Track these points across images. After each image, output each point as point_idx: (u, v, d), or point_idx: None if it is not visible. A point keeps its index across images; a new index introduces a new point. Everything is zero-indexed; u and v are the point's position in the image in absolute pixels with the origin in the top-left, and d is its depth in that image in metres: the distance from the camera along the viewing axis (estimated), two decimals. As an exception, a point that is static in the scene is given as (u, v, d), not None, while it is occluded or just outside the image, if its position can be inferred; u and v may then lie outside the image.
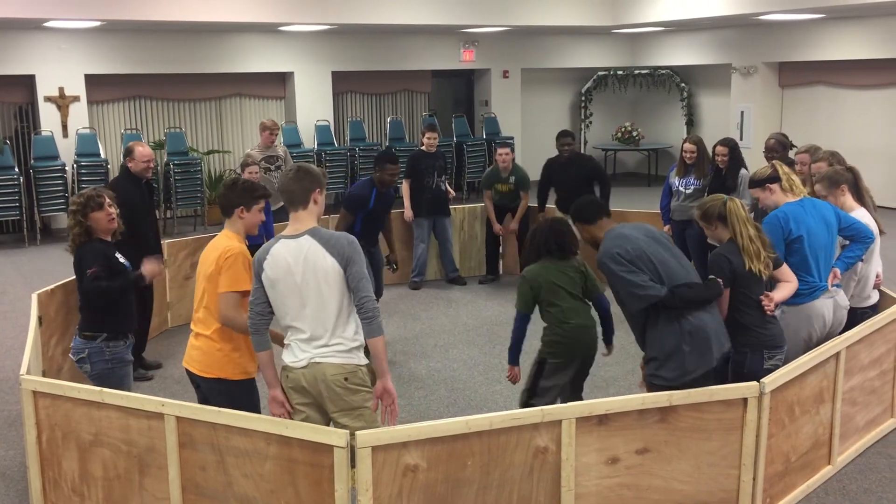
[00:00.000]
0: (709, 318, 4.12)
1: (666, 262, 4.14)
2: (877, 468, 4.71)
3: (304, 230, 3.63)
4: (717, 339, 4.14)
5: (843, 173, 5.12)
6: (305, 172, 3.71)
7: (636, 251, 4.09)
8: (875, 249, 5.07)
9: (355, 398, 3.65)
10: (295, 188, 3.66)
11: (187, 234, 11.14)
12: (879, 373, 4.97)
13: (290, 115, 13.45)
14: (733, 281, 4.23)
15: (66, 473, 4.06)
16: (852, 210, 5.02)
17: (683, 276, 4.15)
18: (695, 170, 7.30)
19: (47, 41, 11.44)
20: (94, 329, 4.54)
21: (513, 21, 12.62)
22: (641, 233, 4.24)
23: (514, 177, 8.59)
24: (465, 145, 14.02)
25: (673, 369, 4.10)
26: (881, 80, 12.52)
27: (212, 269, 3.97)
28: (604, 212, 4.42)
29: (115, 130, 12.46)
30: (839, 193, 5.04)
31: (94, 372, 4.51)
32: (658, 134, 16.02)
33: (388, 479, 3.43)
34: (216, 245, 4.06)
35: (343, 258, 3.55)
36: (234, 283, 3.91)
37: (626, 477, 3.81)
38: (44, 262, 10.12)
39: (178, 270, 7.58)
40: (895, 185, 12.42)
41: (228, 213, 4.12)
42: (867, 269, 5.05)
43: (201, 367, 4.06)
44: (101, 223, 4.63)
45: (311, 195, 3.66)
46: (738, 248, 4.24)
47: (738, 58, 13.99)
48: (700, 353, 4.08)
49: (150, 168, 6.33)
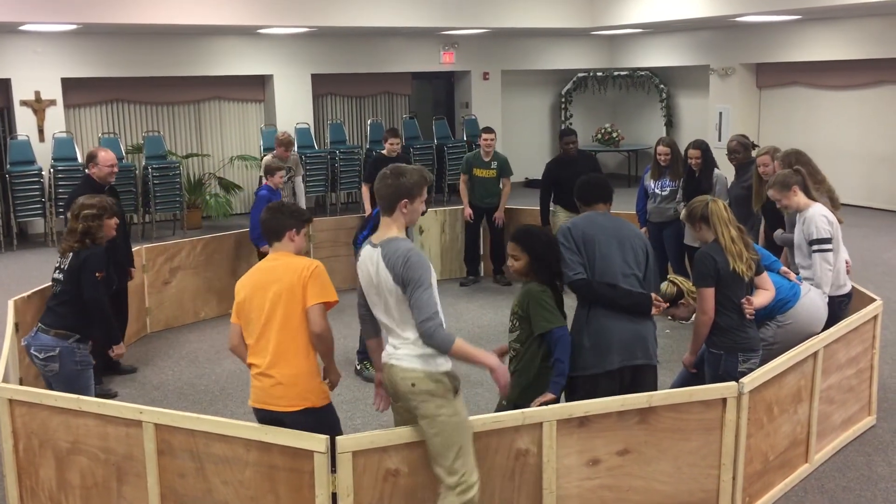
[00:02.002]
0: (622, 325, 4.03)
1: (608, 259, 4.06)
2: (854, 466, 4.76)
3: (382, 239, 3.52)
4: (626, 347, 4.03)
5: (791, 175, 5.20)
6: (395, 176, 3.52)
7: (587, 235, 4.08)
8: (839, 238, 5.15)
9: (426, 406, 3.43)
10: (384, 193, 3.53)
11: (166, 238, 11.06)
12: (856, 371, 5.02)
13: (269, 118, 13.39)
14: (717, 281, 4.25)
15: (43, 482, 4.02)
16: (807, 207, 5.12)
17: (619, 277, 4.05)
18: (669, 172, 7.35)
19: (23, 44, 11.33)
20: (68, 328, 4.58)
21: (492, 23, 12.65)
22: (611, 224, 4.19)
23: (497, 161, 8.59)
24: (445, 147, 14.02)
25: (576, 362, 4.03)
26: (856, 81, 12.66)
27: (291, 289, 3.69)
28: (603, 197, 4.32)
29: (93, 134, 12.35)
30: (791, 195, 5.14)
31: (62, 371, 4.51)
32: (638, 135, 16.11)
33: (369, 483, 3.42)
34: (287, 267, 3.74)
35: (398, 277, 3.41)
36: (323, 293, 3.71)
37: (607, 478, 3.83)
38: (20, 268, 10.02)
39: (156, 275, 7.53)
40: (870, 185, 12.58)
41: (279, 237, 3.84)
42: (838, 259, 5.12)
43: (287, 401, 3.66)
44: (110, 230, 4.89)
45: (398, 204, 3.51)
46: (720, 248, 4.27)
47: (715, 59, 14.10)
48: (598, 354, 4.02)
49: (113, 173, 6.31)
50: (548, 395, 3.88)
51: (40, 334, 4.60)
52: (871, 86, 12.51)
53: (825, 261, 4.97)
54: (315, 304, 3.65)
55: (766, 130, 13.88)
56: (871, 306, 5.11)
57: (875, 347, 5.19)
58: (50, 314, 4.67)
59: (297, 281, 3.66)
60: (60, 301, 4.68)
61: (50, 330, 4.58)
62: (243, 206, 13.23)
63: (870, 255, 9.56)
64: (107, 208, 4.85)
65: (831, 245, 5.01)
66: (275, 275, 3.73)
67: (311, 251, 8.57)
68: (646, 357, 4.09)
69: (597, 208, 4.30)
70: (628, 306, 4.04)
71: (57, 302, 4.69)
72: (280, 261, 3.79)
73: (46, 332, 4.58)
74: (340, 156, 13.16)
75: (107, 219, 4.84)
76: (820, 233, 4.99)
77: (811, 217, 5.05)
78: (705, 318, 4.28)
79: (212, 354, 6.95)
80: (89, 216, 4.75)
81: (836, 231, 5.10)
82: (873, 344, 5.17)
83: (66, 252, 4.75)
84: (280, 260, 3.79)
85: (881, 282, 8.42)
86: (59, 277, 4.75)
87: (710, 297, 4.25)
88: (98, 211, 4.79)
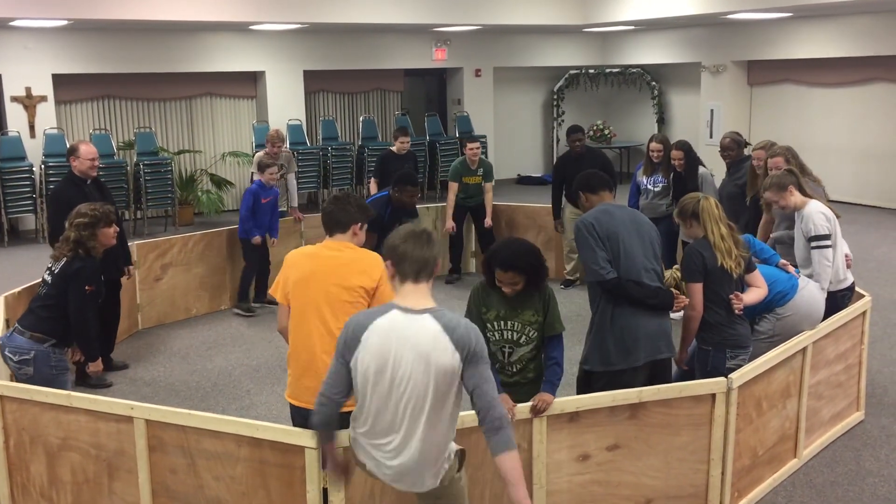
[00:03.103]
0: (647, 321, 4.12)
1: (632, 255, 4.13)
2: (842, 461, 4.79)
3: (429, 308, 2.90)
4: (651, 342, 4.12)
5: (786, 176, 5.23)
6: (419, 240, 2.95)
7: (611, 230, 4.12)
8: (837, 234, 5.18)
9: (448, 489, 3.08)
10: (418, 256, 2.93)
11: (158, 234, 11.04)
12: (845, 367, 5.05)
13: (261, 115, 13.37)
14: (705, 277, 4.28)
15: (34, 478, 4.02)
16: (804, 205, 5.14)
17: (642, 273, 4.10)
18: (661, 168, 7.39)
19: (14, 40, 11.28)
20: (46, 332, 4.49)
21: (484, 20, 12.65)
22: (627, 216, 4.25)
23: (483, 168, 8.67)
24: (437, 144, 14.03)
25: (597, 358, 4.16)
26: (847, 79, 12.71)
27: (364, 284, 3.57)
28: (607, 185, 4.40)
29: (84, 131, 12.31)
30: (788, 195, 5.16)
31: (36, 375, 4.41)
32: (630, 132, 16.13)
33: (360, 479, 3.43)
34: (356, 258, 3.63)
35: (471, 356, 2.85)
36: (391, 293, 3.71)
37: (597, 473, 3.85)
38: (10, 264, 9.98)
39: (148, 272, 7.52)
40: (860, 182, 12.63)
41: (344, 228, 3.71)
42: (837, 254, 5.15)
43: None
44: (109, 239, 4.72)
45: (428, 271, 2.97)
46: (709, 244, 4.29)
47: (707, 56, 14.13)
48: (624, 351, 4.10)
49: (95, 167, 6.16)
50: (547, 398, 3.72)
51: (16, 335, 4.48)
52: (862, 83, 12.56)
53: (824, 257, 5.00)
54: None
55: (757, 128, 13.92)
56: (859, 302, 5.14)
57: (864, 343, 5.23)
58: (30, 316, 4.56)
59: (380, 277, 3.59)
60: (43, 304, 4.57)
61: (26, 332, 4.47)
62: (235, 203, 13.20)
63: (859, 251, 9.60)
64: (101, 217, 4.67)
65: (830, 241, 5.04)
66: (349, 265, 3.61)
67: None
68: (669, 350, 4.23)
69: (603, 196, 4.35)
70: (655, 305, 4.12)
71: (39, 304, 4.58)
72: (353, 253, 3.71)
73: (22, 333, 4.47)
74: (332, 152, 13.14)
75: (103, 227, 4.67)
76: (818, 230, 5.01)
77: (809, 214, 5.06)
78: (694, 313, 4.31)
79: (203, 351, 6.95)
80: (81, 225, 4.60)
81: (834, 226, 5.12)
82: (862, 340, 5.21)
83: (59, 258, 4.63)
84: (349, 251, 3.71)
85: (870, 278, 8.47)
86: (48, 279, 4.65)
87: (699, 292, 4.28)
88: (91, 220, 4.62)
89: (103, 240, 4.71)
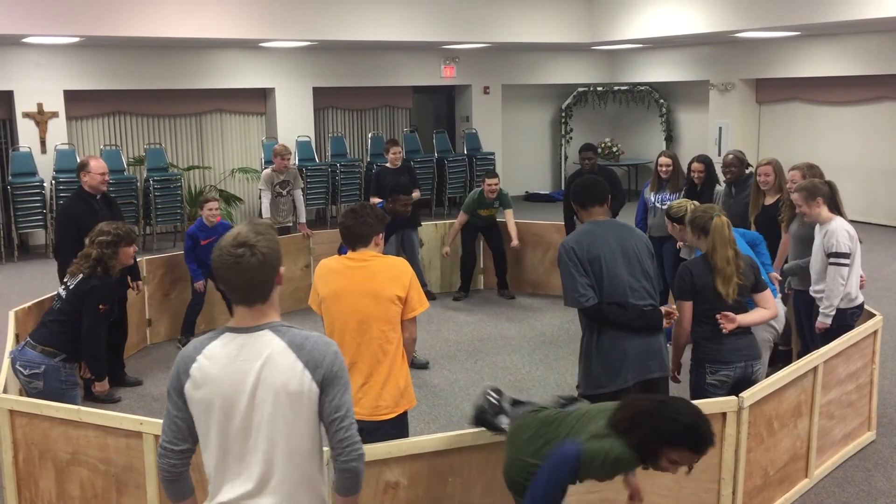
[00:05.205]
0: (633, 342, 4.01)
1: (615, 275, 3.99)
2: (854, 481, 4.75)
3: (276, 324, 2.45)
4: (639, 362, 4.02)
5: (820, 186, 5.21)
6: (238, 266, 2.39)
7: (592, 253, 3.98)
8: (857, 254, 5.18)
9: None
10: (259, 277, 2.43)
11: (166, 250, 11.07)
12: (856, 386, 5.02)
13: (270, 131, 13.44)
14: (693, 295, 4.23)
15: (43, 493, 4.01)
16: (828, 220, 5.13)
17: (628, 293, 3.99)
18: (669, 185, 7.37)
19: (25, 57, 11.38)
20: (57, 347, 4.49)
21: (493, 38, 12.71)
22: (612, 235, 4.07)
23: (498, 200, 8.65)
24: (446, 161, 14.06)
25: (587, 381, 4.11)
26: (855, 97, 12.71)
27: (398, 293, 3.66)
28: (598, 199, 4.15)
29: (95, 146, 12.38)
30: (815, 205, 5.14)
31: (46, 390, 4.41)
32: (638, 149, 16.15)
33: (368, 496, 3.42)
34: (385, 265, 3.72)
35: (325, 379, 2.41)
36: (423, 301, 3.78)
37: (607, 492, 3.82)
38: (21, 279, 10.02)
39: (157, 287, 7.53)
40: (869, 200, 12.60)
41: (367, 241, 3.79)
42: (852, 275, 5.14)
43: (390, 409, 3.70)
44: (128, 258, 4.77)
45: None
46: (707, 263, 4.23)
47: (715, 74, 14.15)
48: (613, 373, 4.01)
49: (105, 182, 6.18)
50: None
51: (27, 349, 4.48)
52: (871, 101, 12.56)
53: (839, 275, 5.01)
54: (418, 314, 3.75)
55: (765, 146, 13.92)
56: (870, 321, 5.12)
57: (875, 362, 5.20)
58: (42, 330, 4.57)
59: (410, 284, 3.73)
60: (56, 319, 4.58)
61: (38, 346, 4.47)
62: (244, 219, 13.25)
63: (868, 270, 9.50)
64: (123, 236, 4.71)
65: (849, 261, 5.04)
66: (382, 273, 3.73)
67: (311, 264, 8.59)
68: (661, 369, 4.10)
69: (594, 212, 4.15)
70: (641, 327, 4.01)
71: (52, 318, 4.59)
72: (382, 260, 3.81)
73: (34, 347, 4.48)
74: (341, 169, 13.19)
75: (124, 246, 4.70)
76: (840, 247, 5.02)
77: (834, 230, 5.06)
78: (680, 328, 4.28)
79: (212, 366, 6.94)
80: (104, 243, 4.62)
81: (855, 247, 5.12)
82: (873, 359, 5.18)
83: (76, 273, 4.64)
84: (373, 260, 3.80)
85: (881, 297, 8.43)
86: (63, 294, 4.66)
87: (688, 310, 4.24)
88: (114, 238, 4.65)
89: (123, 259, 4.73)
